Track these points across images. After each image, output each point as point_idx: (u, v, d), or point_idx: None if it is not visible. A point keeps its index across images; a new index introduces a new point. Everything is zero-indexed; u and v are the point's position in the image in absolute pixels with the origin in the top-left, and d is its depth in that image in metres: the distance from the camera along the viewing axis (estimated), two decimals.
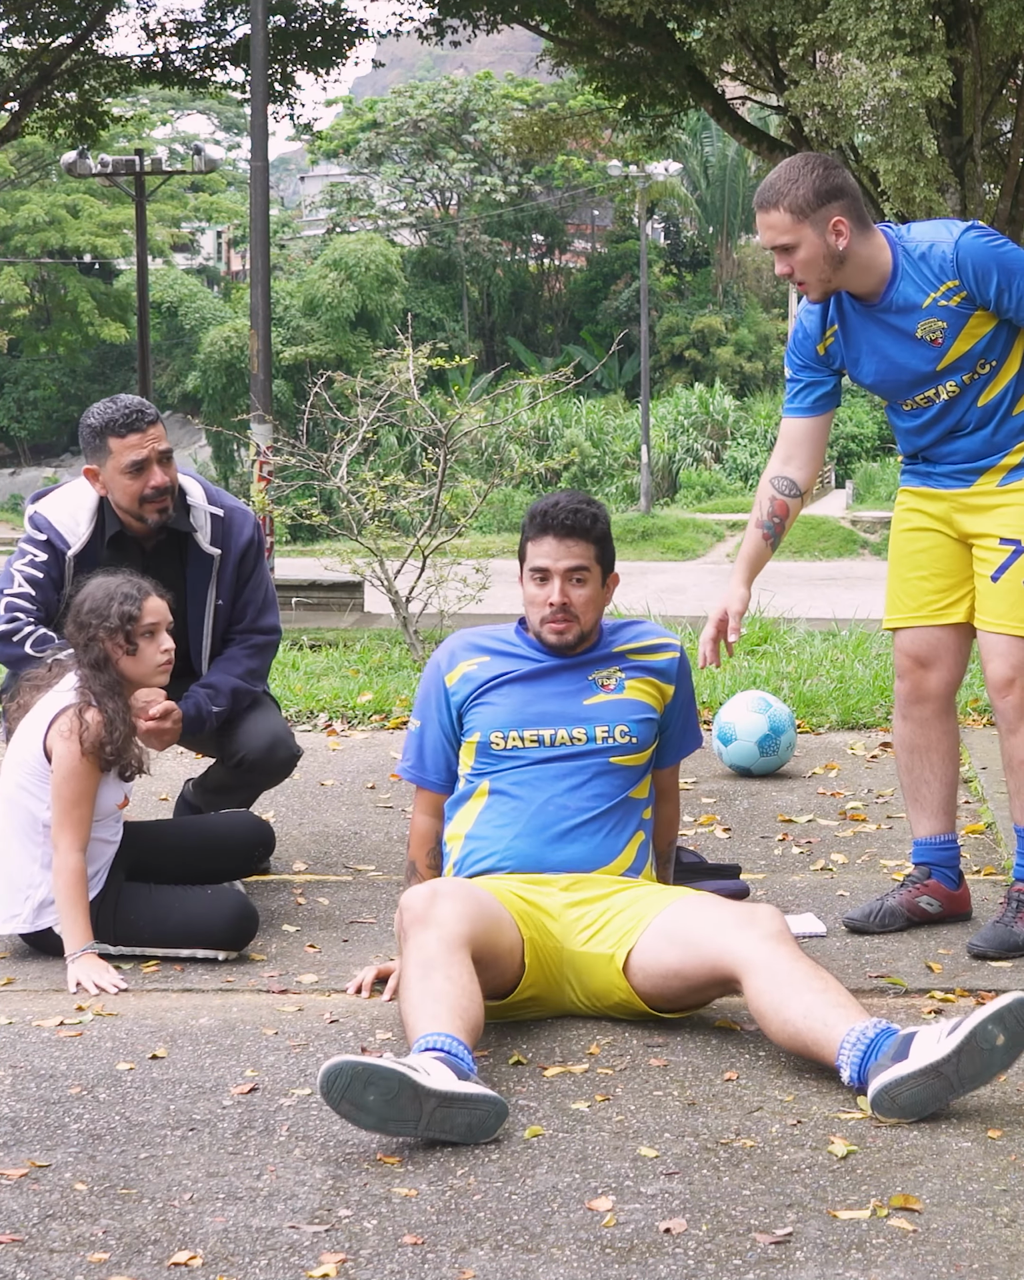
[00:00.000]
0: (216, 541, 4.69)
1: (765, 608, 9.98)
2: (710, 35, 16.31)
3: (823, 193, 4.01)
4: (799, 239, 4.03)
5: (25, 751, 4.20)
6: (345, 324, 45.68)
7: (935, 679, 4.33)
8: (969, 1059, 3.11)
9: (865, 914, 4.34)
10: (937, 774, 4.37)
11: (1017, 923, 4.15)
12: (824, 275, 4.07)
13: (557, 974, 3.70)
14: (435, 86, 52.45)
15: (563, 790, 3.83)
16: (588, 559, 3.87)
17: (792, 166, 4.05)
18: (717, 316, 48.95)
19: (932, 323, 4.08)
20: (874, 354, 4.18)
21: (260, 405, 15.58)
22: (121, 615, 4.14)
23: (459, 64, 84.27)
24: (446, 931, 3.40)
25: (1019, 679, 4.15)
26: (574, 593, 3.87)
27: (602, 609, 3.95)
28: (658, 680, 3.95)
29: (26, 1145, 3.11)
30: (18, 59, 21.56)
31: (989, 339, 4.11)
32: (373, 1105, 3.02)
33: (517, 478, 11.55)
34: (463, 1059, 3.17)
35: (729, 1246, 2.69)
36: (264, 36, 16.43)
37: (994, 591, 4.18)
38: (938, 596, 4.30)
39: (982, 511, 4.21)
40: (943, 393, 4.16)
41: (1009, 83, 16.48)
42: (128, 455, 4.49)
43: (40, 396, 52.71)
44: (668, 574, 27.77)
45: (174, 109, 60.13)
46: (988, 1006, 3.14)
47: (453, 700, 3.97)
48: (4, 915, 4.24)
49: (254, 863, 4.56)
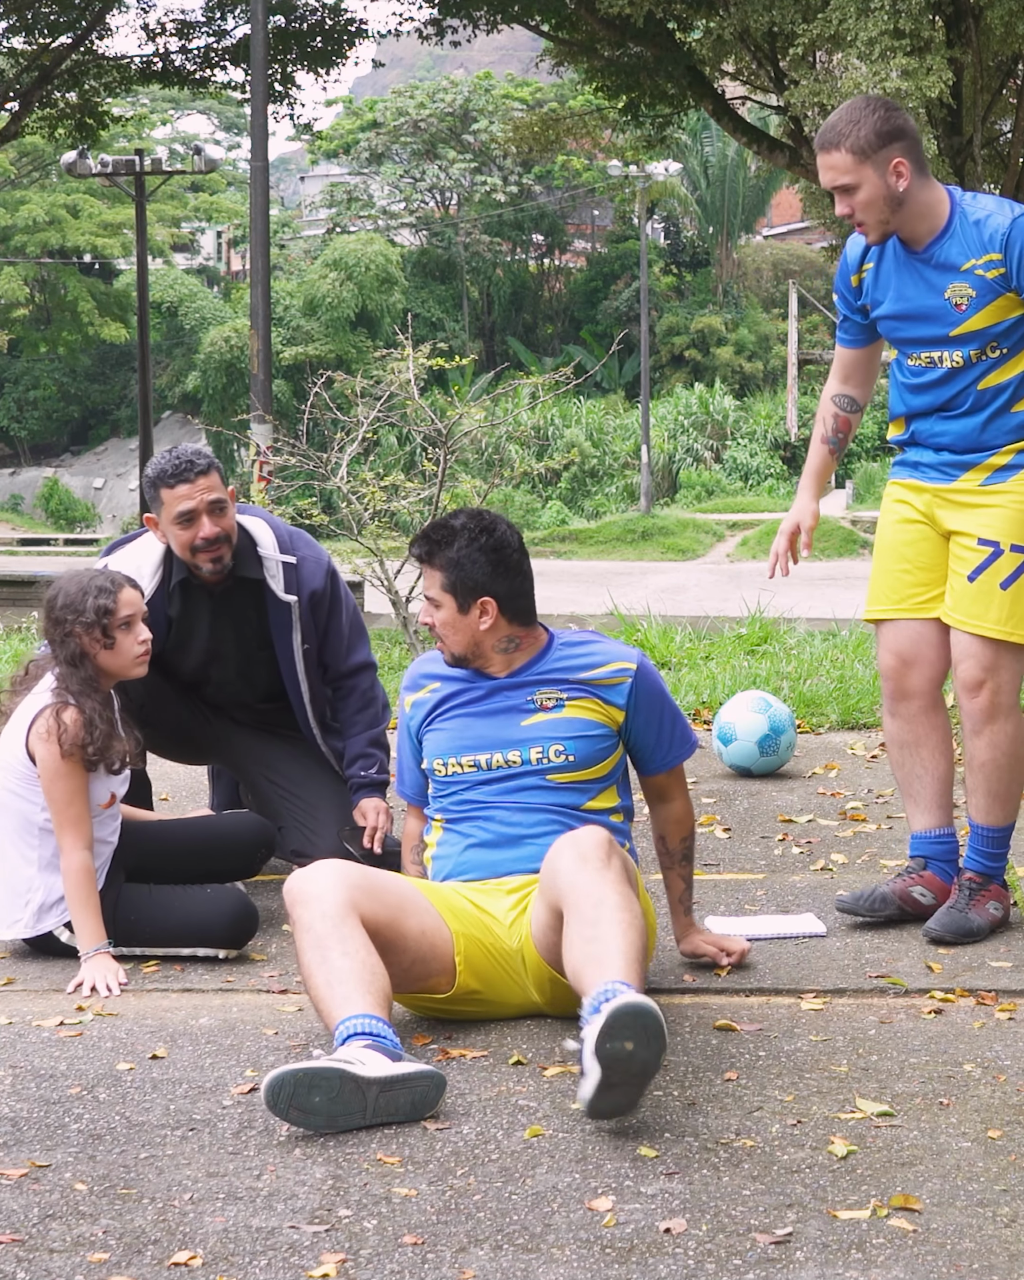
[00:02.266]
0: (290, 589, 4.72)
1: (765, 608, 9.98)
2: (710, 35, 16.31)
3: (885, 134, 4.06)
4: (860, 179, 4.08)
5: (10, 755, 4.20)
6: (345, 324, 45.68)
7: (919, 675, 4.36)
8: (619, 1073, 3.05)
9: (856, 898, 4.38)
10: (928, 768, 4.39)
11: (970, 909, 4.23)
12: (883, 216, 4.12)
13: (513, 975, 3.71)
14: (435, 86, 52.42)
15: (507, 807, 3.84)
16: (434, 589, 3.85)
17: (853, 108, 4.10)
18: (716, 316, 48.92)
19: (962, 287, 4.12)
20: (900, 299, 4.22)
21: (260, 405, 15.58)
22: (97, 609, 4.14)
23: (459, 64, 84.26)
24: (326, 903, 3.44)
25: (990, 681, 4.19)
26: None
27: (465, 633, 3.86)
28: (602, 700, 3.87)
29: (26, 1145, 3.11)
30: (18, 59, 21.57)
31: (1010, 325, 4.14)
32: (319, 1106, 3.11)
33: (517, 478, 11.56)
34: (387, 1038, 3.24)
35: (729, 1246, 2.69)
36: (264, 36, 16.43)
37: (969, 591, 4.21)
38: (919, 590, 4.34)
39: (963, 508, 4.24)
40: (948, 360, 4.19)
41: (1009, 82, 16.47)
42: (177, 506, 4.53)
43: (40, 396, 52.69)
44: (668, 574, 27.80)
45: (174, 109, 60.12)
46: (592, 1028, 3.06)
47: (411, 726, 4.01)
48: (5, 921, 4.24)
49: (257, 863, 4.56)
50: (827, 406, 4.52)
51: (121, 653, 4.19)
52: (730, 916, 4.42)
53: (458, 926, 3.67)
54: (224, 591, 4.72)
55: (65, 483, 50.71)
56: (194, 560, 4.60)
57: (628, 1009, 3.03)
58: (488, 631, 3.84)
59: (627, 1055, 3.03)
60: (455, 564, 3.82)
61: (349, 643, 4.86)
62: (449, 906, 3.70)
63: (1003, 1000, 3.81)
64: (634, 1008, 3.03)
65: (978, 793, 4.28)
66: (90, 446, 54.34)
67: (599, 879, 3.36)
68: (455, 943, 3.66)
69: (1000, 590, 4.16)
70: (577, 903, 3.34)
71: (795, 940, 4.25)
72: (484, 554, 3.82)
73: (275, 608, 4.73)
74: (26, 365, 52.53)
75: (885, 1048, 3.53)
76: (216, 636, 4.77)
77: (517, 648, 3.89)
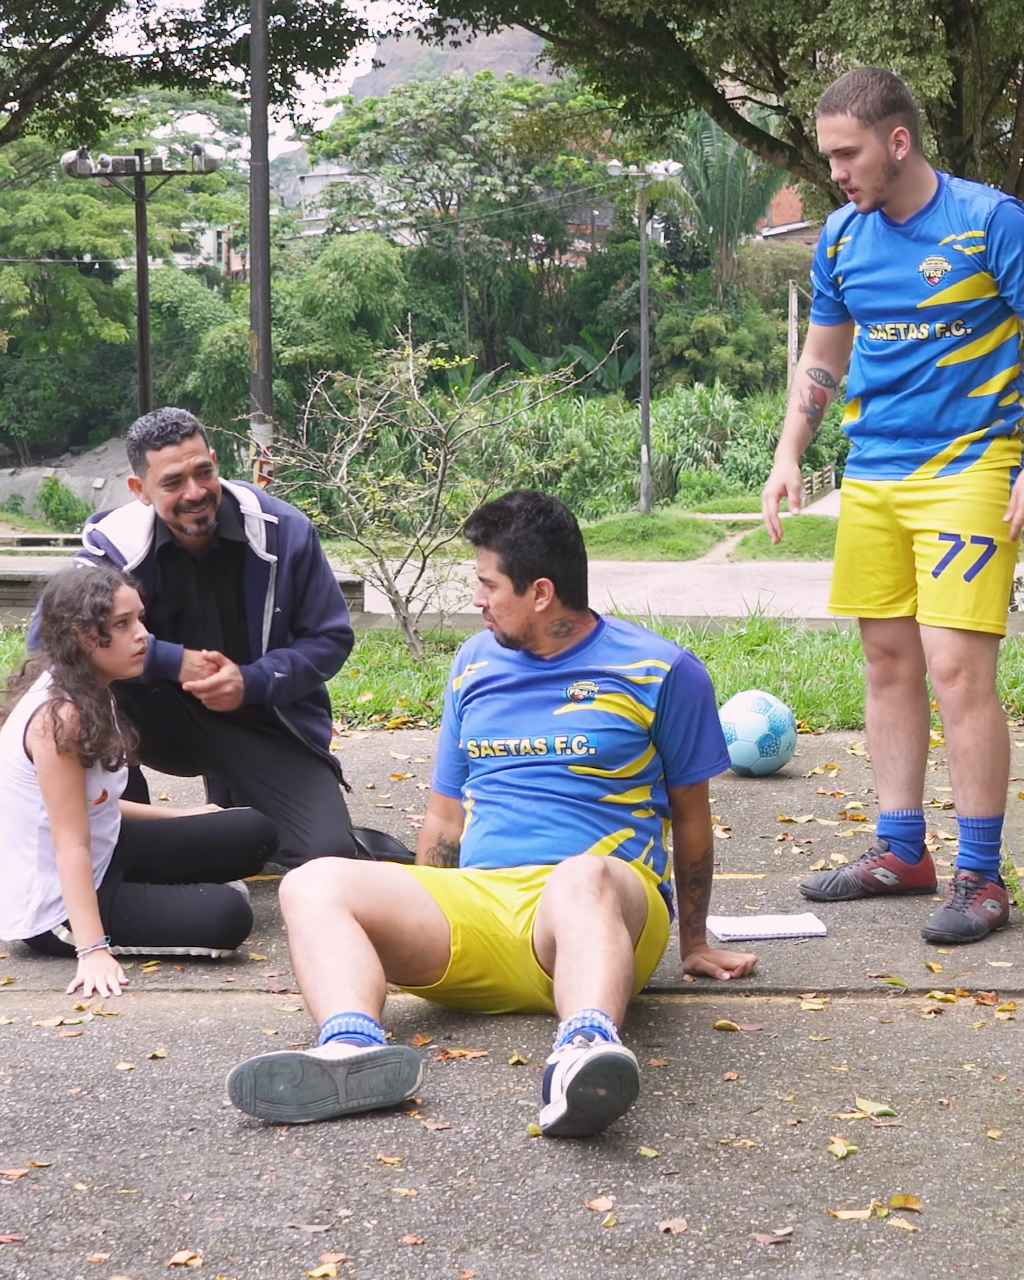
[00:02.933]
0: (272, 548, 4.73)
1: (766, 608, 9.98)
2: (710, 35, 16.33)
3: (890, 102, 4.16)
4: (862, 144, 4.16)
5: (8, 754, 4.20)
6: (345, 324, 45.72)
7: (905, 665, 4.51)
8: (585, 1112, 3.04)
9: (820, 882, 4.52)
10: (903, 751, 4.52)
11: (967, 908, 4.25)
12: (878, 183, 4.20)
13: (515, 963, 3.70)
14: (435, 86, 52.46)
15: (526, 795, 3.83)
16: (490, 570, 3.82)
17: (860, 74, 4.21)
18: (716, 316, 48.96)
19: (938, 260, 4.21)
20: (874, 269, 4.31)
21: (260, 405, 15.57)
22: (94, 607, 4.14)
23: (459, 64, 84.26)
24: (315, 905, 3.46)
25: (964, 669, 4.26)
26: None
27: (521, 614, 3.83)
28: (633, 698, 3.84)
29: (26, 1145, 3.11)
30: (18, 59, 21.59)
31: (979, 305, 4.22)
32: (286, 1095, 3.12)
33: (516, 478, 11.54)
34: (367, 1034, 3.24)
35: (729, 1246, 2.69)
36: (264, 36, 16.42)
37: (934, 586, 4.29)
38: (884, 592, 4.45)
39: (920, 506, 4.32)
40: (913, 332, 4.27)
41: (1009, 83, 16.49)
42: (163, 469, 4.55)
43: (40, 396, 52.71)
44: (668, 574, 27.82)
45: (174, 109, 60.14)
46: (565, 1064, 3.05)
47: (457, 703, 4.00)
48: (6, 921, 4.24)
49: (258, 861, 4.56)
50: (803, 379, 4.59)
51: (117, 651, 4.19)
52: (730, 916, 4.42)
53: (458, 919, 3.67)
54: (208, 557, 4.72)
55: (65, 483, 50.73)
56: (178, 520, 4.60)
57: (606, 1060, 3.01)
58: (543, 613, 3.84)
59: (597, 1099, 3.02)
60: (513, 545, 3.81)
61: (327, 607, 4.85)
62: (452, 899, 3.70)
63: (1003, 1000, 3.81)
64: (612, 1059, 3.02)
65: (965, 783, 4.31)
66: (90, 446, 54.38)
67: (589, 911, 3.35)
68: (453, 934, 3.65)
69: (965, 581, 4.24)
70: (565, 934, 3.35)
71: (795, 940, 4.25)
72: (542, 535, 3.81)
73: (253, 569, 4.71)
74: (26, 365, 52.56)
75: (885, 1048, 3.53)
76: (204, 605, 4.77)
77: (567, 632, 3.89)
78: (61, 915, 4.18)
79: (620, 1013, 3.24)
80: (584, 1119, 3.05)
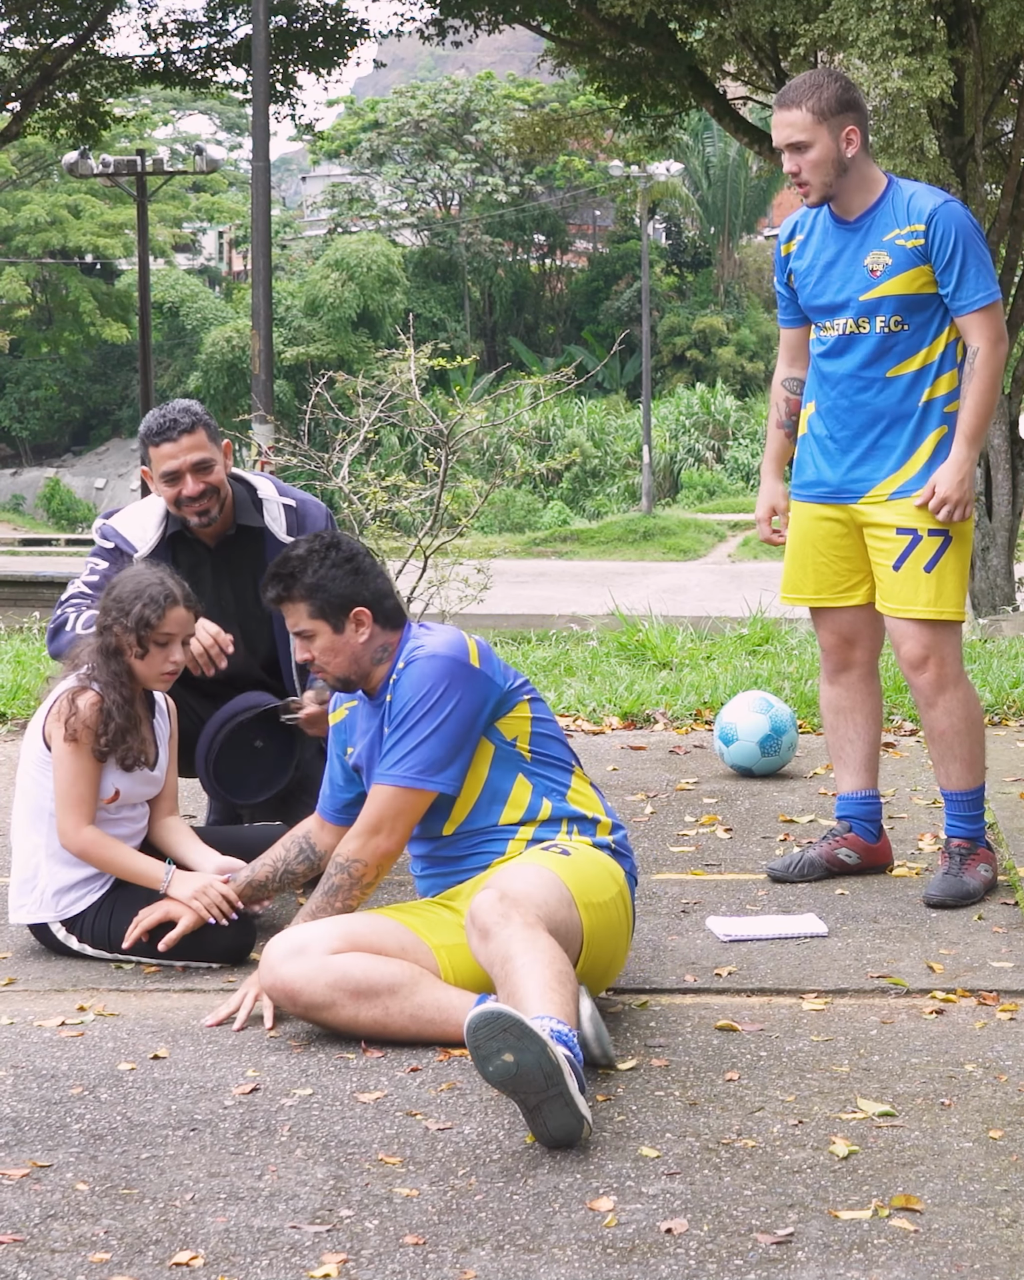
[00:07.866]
0: (293, 530, 4.76)
1: (767, 608, 9.98)
2: (712, 35, 16.31)
3: (843, 101, 4.35)
4: (814, 139, 4.35)
5: (32, 739, 4.21)
6: (347, 324, 45.70)
7: (860, 650, 4.72)
8: (524, 1089, 2.99)
9: (785, 865, 4.72)
10: (860, 733, 4.73)
11: (964, 873, 4.50)
12: (828, 179, 4.38)
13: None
14: (437, 87, 52.43)
15: (430, 878, 3.93)
16: (302, 621, 3.80)
17: (816, 74, 4.40)
18: (718, 317, 48.94)
19: (881, 255, 4.39)
20: (822, 265, 4.49)
21: (262, 405, 15.58)
22: (139, 618, 4.11)
23: (460, 64, 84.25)
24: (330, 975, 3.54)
25: (933, 656, 4.46)
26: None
27: (346, 652, 3.81)
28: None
29: (28, 1145, 3.12)
30: (19, 59, 21.61)
31: (919, 300, 4.37)
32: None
33: (518, 478, 11.60)
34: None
35: (730, 1247, 2.69)
36: (265, 37, 16.43)
37: (896, 579, 4.48)
38: (839, 579, 4.63)
39: (874, 501, 4.49)
40: (852, 326, 4.43)
41: (1011, 83, 16.46)
42: (162, 465, 4.62)
43: (42, 397, 52.70)
44: (669, 574, 27.81)
45: (175, 109, 60.12)
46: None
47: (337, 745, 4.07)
48: (15, 906, 4.24)
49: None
50: (778, 392, 4.73)
51: (150, 665, 4.16)
52: (732, 916, 4.42)
53: (436, 940, 3.68)
54: (224, 546, 4.75)
55: (67, 483, 50.72)
56: (180, 513, 4.68)
57: (474, 1021, 2.98)
58: (366, 644, 3.81)
59: (513, 1069, 2.97)
60: (317, 587, 3.77)
61: None
62: (423, 922, 3.72)
63: (1004, 1000, 3.81)
64: (480, 1019, 2.98)
65: (945, 761, 4.54)
66: (92, 447, 54.36)
67: (500, 943, 3.33)
68: (437, 956, 3.67)
69: (925, 573, 4.44)
70: (492, 971, 3.35)
71: (797, 940, 4.25)
72: (339, 568, 3.79)
73: (275, 553, 4.69)
74: (28, 365, 52.54)
75: (887, 1048, 3.53)
76: (220, 594, 4.78)
77: (386, 657, 3.84)
78: (64, 908, 4.17)
79: (564, 1004, 3.20)
80: (536, 1100, 2.98)
